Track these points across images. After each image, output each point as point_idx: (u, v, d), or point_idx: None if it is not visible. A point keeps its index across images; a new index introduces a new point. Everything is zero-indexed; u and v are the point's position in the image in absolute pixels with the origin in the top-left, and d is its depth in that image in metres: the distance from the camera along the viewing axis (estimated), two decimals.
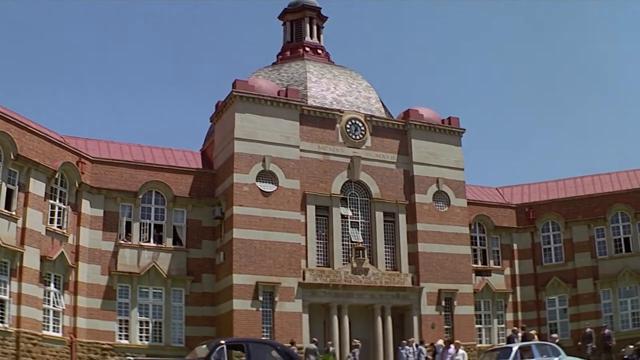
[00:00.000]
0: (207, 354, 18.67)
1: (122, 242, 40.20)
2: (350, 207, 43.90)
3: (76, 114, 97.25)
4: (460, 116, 48.24)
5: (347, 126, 44.49)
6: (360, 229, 43.87)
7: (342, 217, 43.36)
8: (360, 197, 44.32)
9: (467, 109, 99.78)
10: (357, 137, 44.63)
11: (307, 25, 53.88)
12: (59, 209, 37.89)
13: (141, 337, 39.47)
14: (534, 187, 53.87)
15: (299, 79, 47.91)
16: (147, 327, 39.73)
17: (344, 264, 42.43)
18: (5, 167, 34.49)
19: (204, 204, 42.36)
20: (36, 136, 36.50)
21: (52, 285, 36.60)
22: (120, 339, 38.90)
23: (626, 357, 36.01)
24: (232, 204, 40.20)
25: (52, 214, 37.39)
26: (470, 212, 47.70)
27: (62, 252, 36.88)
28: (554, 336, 36.60)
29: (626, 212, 48.19)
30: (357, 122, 44.90)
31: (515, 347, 26.11)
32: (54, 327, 36.36)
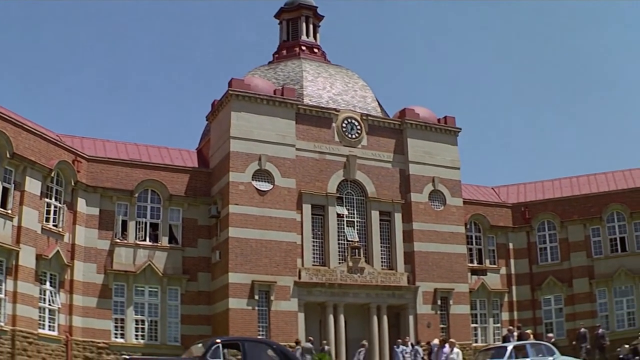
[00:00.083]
0: (202, 352, 18.66)
1: (118, 240, 40.17)
2: (346, 206, 43.90)
3: (72, 113, 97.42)
4: (456, 115, 48.45)
5: (343, 125, 44.49)
6: (356, 228, 43.86)
7: (338, 216, 43.36)
8: (356, 196, 44.33)
9: (463, 108, 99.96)
10: (353, 136, 44.64)
11: (304, 24, 53.87)
12: (55, 207, 37.84)
13: (137, 335, 39.43)
14: (530, 187, 53.89)
15: (295, 77, 47.89)
16: (143, 326, 39.70)
17: (339, 263, 42.44)
18: (1, 165, 34.41)
19: (200, 202, 42.34)
20: (32, 135, 36.43)
21: (48, 283, 36.56)
22: (116, 338, 38.87)
23: (622, 356, 36.03)
24: (228, 202, 40.18)
25: (48, 212, 37.34)
26: (466, 211, 47.74)
27: (57, 251, 36.83)
28: (550, 335, 36.69)
29: (622, 211, 48.25)
30: (353, 121, 44.90)
31: (509, 347, 26.11)
32: (50, 326, 36.30)
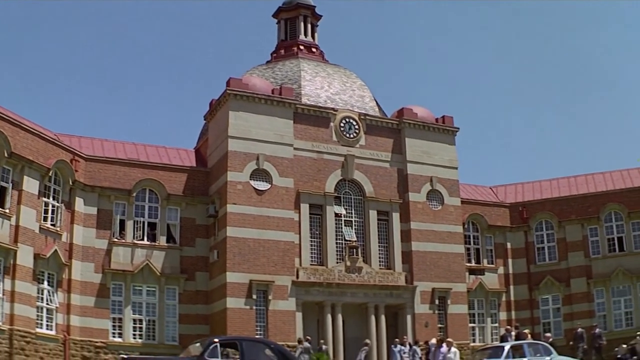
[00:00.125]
0: (200, 352, 18.70)
1: (116, 240, 40.16)
2: (344, 206, 43.89)
3: (70, 112, 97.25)
4: (454, 115, 48.36)
5: (341, 125, 44.49)
6: (354, 227, 43.86)
7: (336, 215, 43.36)
8: (354, 196, 44.32)
9: (461, 108, 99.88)
10: (351, 136, 44.63)
11: (302, 23, 53.86)
12: (53, 206, 37.82)
13: (134, 335, 39.42)
14: (528, 186, 53.90)
15: (293, 77, 47.89)
16: (141, 325, 39.70)
17: (337, 263, 42.44)
18: None
19: (198, 202, 42.33)
20: (30, 134, 36.42)
21: (46, 283, 36.55)
22: (113, 337, 38.85)
23: (619, 356, 36.07)
24: (226, 202, 40.18)
25: (46, 211, 37.32)
26: (464, 211, 47.75)
27: (55, 250, 36.83)
28: (548, 335, 36.64)
29: (620, 211, 48.27)
30: (351, 120, 44.90)
31: (507, 346, 26.08)
32: (47, 325, 36.30)
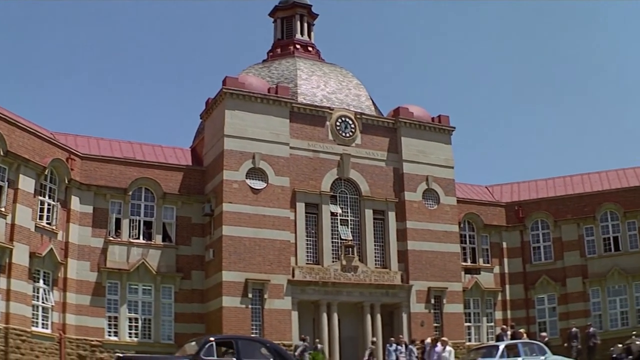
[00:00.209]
0: (196, 350, 18.69)
1: (112, 238, 40.12)
2: (339, 205, 43.89)
3: (66, 111, 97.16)
4: (450, 114, 48.37)
5: (337, 124, 44.49)
6: (349, 226, 43.85)
7: (332, 214, 43.35)
8: (349, 195, 44.32)
9: (457, 107, 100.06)
10: (347, 135, 44.63)
11: (298, 22, 53.83)
12: (49, 205, 37.79)
13: (130, 333, 39.37)
14: (524, 186, 53.95)
15: (289, 76, 47.87)
16: (137, 324, 39.64)
17: (333, 262, 42.43)
18: None
19: (194, 200, 42.31)
20: (26, 132, 36.37)
21: (41, 281, 36.49)
22: (109, 336, 38.80)
23: (614, 356, 36.02)
24: (222, 201, 40.14)
25: (42, 210, 37.29)
26: (459, 210, 47.76)
27: (51, 249, 36.78)
28: (543, 335, 36.70)
29: (615, 211, 48.32)
30: (347, 119, 44.90)
31: (501, 346, 26.02)
32: (43, 324, 36.23)
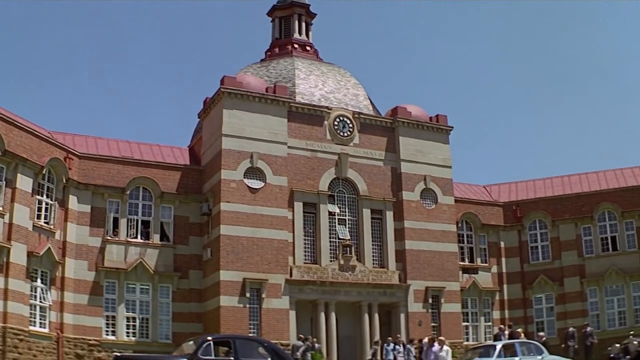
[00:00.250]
0: (194, 350, 18.67)
1: (109, 238, 40.10)
2: (337, 204, 43.88)
3: (64, 110, 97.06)
4: (448, 114, 48.45)
5: (335, 123, 44.48)
6: (347, 226, 43.84)
7: (330, 214, 43.34)
8: (347, 194, 44.31)
9: (455, 107, 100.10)
10: (345, 134, 44.63)
11: (296, 22, 53.80)
12: (46, 204, 37.76)
13: (128, 333, 39.37)
14: (522, 185, 53.96)
15: (287, 75, 47.85)
16: (134, 323, 39.63)
17: (331, 261, 42.43)
18: None
19: (192, 200, 42.29)
20: (24, 132, 36.33)
21: (39, 280, 36.47)
22: (107, 335, 38.79)
23: (612, 355, 36.04)
24: (220, 200, 40.13)
25: (40, 209, 37.25)
26: (457, 209, 47.77)
27: (49, 248, 36.75)
28: (541, 334, 36.69)
29: (613, 210, 48.34)
30: (345, 119, 44.89)
31: (498, 345, 26.02)
32: (41, 323, 36.21)
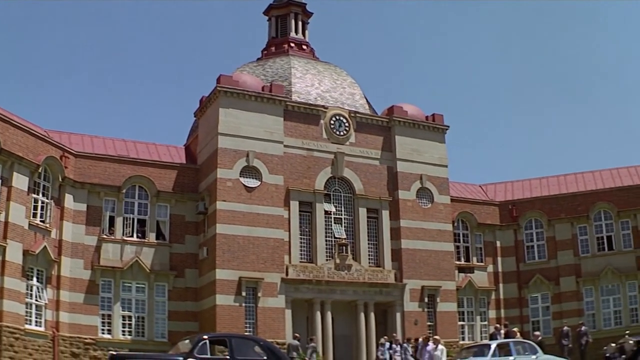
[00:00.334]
0: (190, 348, 18.70)
1: (105, 236, 40.07)
2: (333, 203, 43.89)
3: (60, 109, 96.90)
4: (444, 113, 48.34)
5: (331, 122, 44.48)
6: (343, 225, 43.87)
7: (326, 213, 43.35)
8: (343, 193, 44.32)
9: (451, 106, 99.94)
10: (341, 133, 44.63)
11: (292, 21, 53.82)
12: (42, 203, 37.71)
13: (124, 331, 39.35)
14: (518, 185, 53.96)
15: (284, 74, 47.85)
16: (130, 322, 39.62)
17: (327, 260, 42.43)
18: None
19: (188, 199, 42.27)
20: (19, 130, 36.29)
21: (35, 279, 36.43)
22: (102, 334, 38.77)
23: (608, 355, 36.06)
24: (216, 199, 40.12)
25: (35, 208, 37.22)
26: (453, 209, 47.78)
27: (44, 247, 36.71)
28: (537, 334, 36.73)
29: (609, 210, 48.39)
30: (341, 118, 44.89)
31: (493, 345, 26.04)
32: (37, 322, 36.18)
